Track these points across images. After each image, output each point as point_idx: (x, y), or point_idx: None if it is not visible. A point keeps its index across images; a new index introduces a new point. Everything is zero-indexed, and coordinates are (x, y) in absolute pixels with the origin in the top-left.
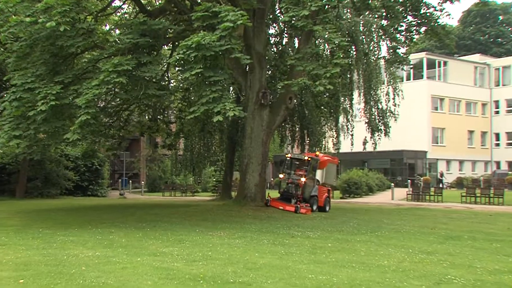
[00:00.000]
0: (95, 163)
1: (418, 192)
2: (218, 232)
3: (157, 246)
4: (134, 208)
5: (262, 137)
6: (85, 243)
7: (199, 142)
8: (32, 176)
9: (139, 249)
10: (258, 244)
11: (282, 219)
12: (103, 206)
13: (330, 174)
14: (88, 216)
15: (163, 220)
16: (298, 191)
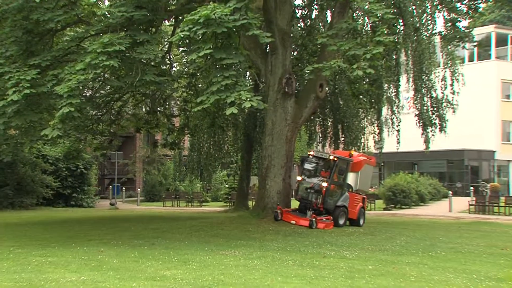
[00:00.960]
0: (80, 165)
1: (484, 202)
2: (232, 251)
3: (156, 268)
4: (128, 222)
5: (286, 133)
6: (68, 265)
7: (209, 140)
8: (1, 183)
9: (135, 272)
10: (282, 266)
11: (311, 234)
12: (89, 219)
13: (366, 179)
14: (72, 232)
15: (164, 236)
16: (318, 199)
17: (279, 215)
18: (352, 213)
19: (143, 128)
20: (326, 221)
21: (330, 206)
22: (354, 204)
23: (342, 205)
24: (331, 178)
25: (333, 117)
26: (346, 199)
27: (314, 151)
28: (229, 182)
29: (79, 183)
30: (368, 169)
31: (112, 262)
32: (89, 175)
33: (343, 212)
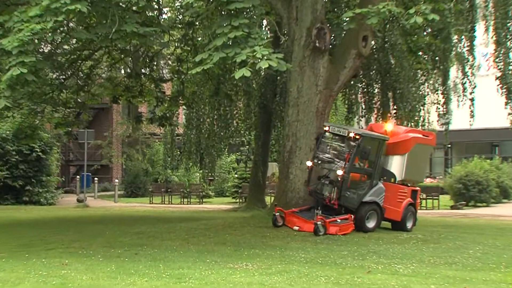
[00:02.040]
0: (35, 148)
1: None
2: (243, 263)
3: (140, 287)
4: (102, 224)
5: (316, 104)
6: (20, 283)
7: (211, 113)
8: None
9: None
10: (312, 284)
11: (351, 241)
12: (50, 221)
13: (419, 164)
14: (25, 238)
15: (151, 244)
16: (333, 193)
17: (278, 220)
18: (394, 212)
19: (122, 97)
20: (341, 222)
21: (351, 202)
22: (398, 199)
23: (372, 201)
24: (350, 163)
25: (381, 82)
26: (378, 192)
27: (330, 125)
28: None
29: (34, 172)
30: (422, 150)
31: (81, 278)
32: (49, 161)
33: (374, 211)
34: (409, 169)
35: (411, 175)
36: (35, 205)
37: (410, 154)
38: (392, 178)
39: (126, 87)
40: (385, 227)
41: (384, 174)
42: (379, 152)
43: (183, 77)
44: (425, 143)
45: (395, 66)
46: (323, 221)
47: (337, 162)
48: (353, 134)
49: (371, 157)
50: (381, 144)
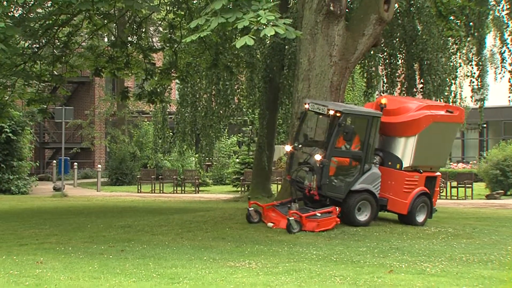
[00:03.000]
0: (5, 128)
1: None
2: (245, 261)
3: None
4: (83, 216)
5: (330, 77)
6: None
7: (209, 88)
8: None
9: None
10: (324, 286)
11: (370, 236)
12: (22, 212)
13: (439, 146)
14: None
15: (139, 239)
16: (312, 182)
17: (253, 215)
18: (398, 204)
19: (106, 69)
20: (321, 217)
21: (336, 191)
22: (404, 189)
23: (363, 189)
24: (330, 145)
25: (406, 52)
26: (371, 179)
27: (310, 101)
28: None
29: (4, 156)
30: (443, 129)
31: (58, 279)
32: (20, 143)
33: (366, 201)
34: (421, 153)
35: (425, 161)
36: (5, 194)
37: (422, 135)
38: (397, 164)
39: (110, 58)
40: None
41: (389, 158)
42: (371, 131)
43: (176, 46)
44: (448, 120)
45: (422, 33)
46: (298, 215)
47: (320, 145)
48: (332, 111)
49: (361, 138)
50: (372, 122)
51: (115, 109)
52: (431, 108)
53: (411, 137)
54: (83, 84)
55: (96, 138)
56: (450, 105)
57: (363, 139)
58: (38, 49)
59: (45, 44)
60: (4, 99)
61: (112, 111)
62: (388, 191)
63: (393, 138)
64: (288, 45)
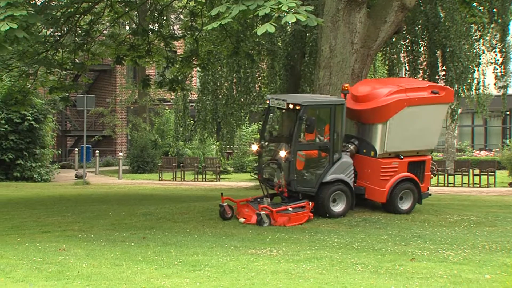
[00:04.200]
0: (27, 116)
1: None
2: (266, 249)
3: (149, 276)
4: (105, 203)
5: (352, 64)
6: (11, 271)
7: (230, 75)
8: None
9: (116, 281)
10: (346, 273)
11: (391, 224)
12: (45, 200)
13: (421, 130)
14: (16, 219)
15: (160, 227)
16: (280, 179)
17: (227, 211)
18: (375, 192)
19: (127, 57)
20: (294, 211)
21: (307, 185)
22: (381, 177)
23: (335, 179)
24: (294, 140)
25: (429, 39)
26: (342, 168)
27: (271, 97)
28: None
29: (26, 143)
30: (424, 112)
31: (80, 266)
32: (43, 131)
33: (341, 192)
34: (397, 139)
35: (404, 146)
36: (28, 181)
37: (394, 121)
38: (371, 151)
39: (132, 46)
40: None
41: (363, 146)
42: (337, 119)
43: (197, 34)
44: (431, 102)
45: (444, 20)
46: (269, 210)
47: (285, 141)
48: (292, 105)
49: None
50: (336, 110)
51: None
52: (408, 91)
53: (382, 123)
54: (104, 72)
55: (118, 126)
56: (436, 85)
57: (331, 129)
58: (60, 37)
59: (67, 32)
60: (26, 87)
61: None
62: (365, 180)
63: (366, 125)
64: (310, 33)
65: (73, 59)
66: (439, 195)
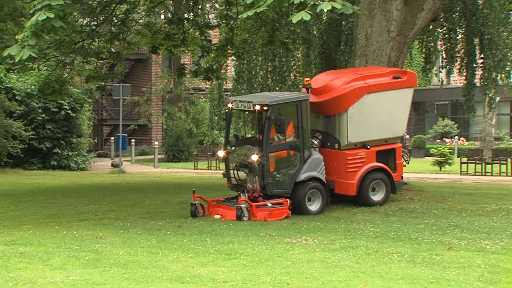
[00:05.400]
0: (64, 105)
1: None
2: (302, 237)
3: (185, 264)
4: (141, 192)
5: (388, 53)
6: (49, 259)
7: (265, 64)
8: None
9: (152, 269)
10: (382, 262)
11: (428, 213)
12: (81, 188)
13: (385, 116)
14: (54, 207)
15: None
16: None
17: (198, 210)
18: (345, 185)
19: (162, 46)
20: (273, 206)
21: (283, 187)
22: (347, 168)
23: (309, 177)
24: (265, 142)
25: (466, 26)
26: (315, 165)
27: (233, 100)
28: None
29: (63, 132)
30: (387, 98)
31: (117, 254)
32: (79, 120)
33: (316, 190)
34: (360, 128)
35: (369, 135)
36: (64, 170)
37: (355, 110)
38: (335, 144)
39: (167, 35)
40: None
41: (327, 139)
42: (302, 116)
43: (232, 22)
44: (394, 87)
45: (482, 7)
46: (248, 204)
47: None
48: (259, 106)
49: (295, 125)
50: (301, 107)
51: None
52: (367, 78)
53: (342, 113)
54: (140, 61)
55: (153, 115)
56: (397, 69)
57: (297, 126)
58: (96, 26)
59: (103, 22)
60: (63, 77)
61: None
62: (333, 174)
63: (327, 118)
64: (345, 21)
65: (109, 48)
66: (477, 184)
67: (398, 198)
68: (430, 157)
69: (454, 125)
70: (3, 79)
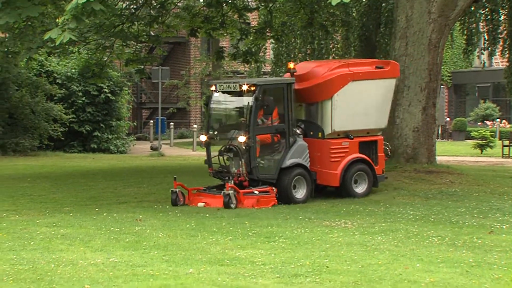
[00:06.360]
0: (104, 89)
1: None
2: (341, 220)
3: (224, 247)
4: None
5: (429, 35)
6: (89, 240)
7: (304, 47)
8: None
9: (191, 251)
10: (422, 246)
11: (469, 196)
12: (121, 171)
13: (370, 106)
14: (94, 190)
15: None
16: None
17: (179, 198)
18: (327, 176)
19: (201, 29)
20: (259, 195)
21: (268, 172)
22: (331, 158)
23: (294, 164)
24: (252, 123)
25: (509, 7)
26: (300, 151)
27: (217, 83)
28: None
29: (103, 115)
30: (371, 88)
31: (157, 236)
32: (119, 103)
33: (301, 177)
34: (345, 116)
35: (353, 124)
36: (104, 153)
37: (340, 96)
38: (319, 133)
39: (206, 18)
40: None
41: (310, 128)
42: (288, 100)
43: (271, 5)
44: (377, 77)
45: None
46: (236, 190)
47: (239, 126)
48: (246, 86)
49: (280, 110)
50: (287, 90)
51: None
52: (351, 65)
53: (327, 100)
54: (179, 45)
55: (192, 98)
56: (380, 60)
57: (283, 110)
58: (136, 10)
59: (142, 5)
60: (103, 60)
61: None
62: (316, 164)
63: (310, 105)
64: (385, 3)
65: (148, 31)
66: None
67: (438, 181)
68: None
69: (496, 108)
70: (44, 62)
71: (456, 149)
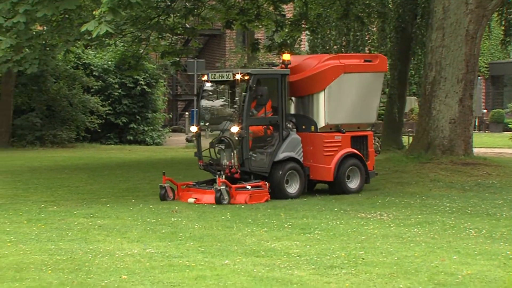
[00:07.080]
0: (140, 81)
1: None
2: (377, 212)
3: (259, 238)
4: None
5: (466, 26)
6: (126, 231)
7: (339, 38)
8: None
9: (227, 243)
10: (458, 238)
11: (506, 188)
12: (157, 163)
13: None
14: (130, 181)
15: None
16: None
17: (168, 194)
18: (321, 170)
19: (237, 21)
20: (252, 190)
21: (260, 165)
22: (324, 152)
23: (287, 157)
24: (245, 113)
25: None
26: (293, 145)
27: (208, 72)
28: None
29: (139, 107)
30: (362, 81)
31: (193, 227)
32: (154, 95)
33: (294, 171)
34: (337, 109)
35: (344, 118)
36: (140, 144)
37: (332, 89)
38: (312, 126)
39: (241, 10)
40: None
41: (302, 122)
42: (282, 92)
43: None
44: (366, 70)
45: None
46: (228, 185)
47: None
48: (240, 75)
49: (273, 102)
50: (282, 82)
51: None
52: (342, 58)
53: (319, 92)
54: (214, 37)
55: None
56: (367, 54)
57: (277, 102)
58: (172, 2)
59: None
60: (139, 52)
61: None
62: (308, 159)
63: (302, 98)
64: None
65: (183, 24)
66: None
67: (475, 173)
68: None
69: None
70: (81, 55)
71: (493, 141)
